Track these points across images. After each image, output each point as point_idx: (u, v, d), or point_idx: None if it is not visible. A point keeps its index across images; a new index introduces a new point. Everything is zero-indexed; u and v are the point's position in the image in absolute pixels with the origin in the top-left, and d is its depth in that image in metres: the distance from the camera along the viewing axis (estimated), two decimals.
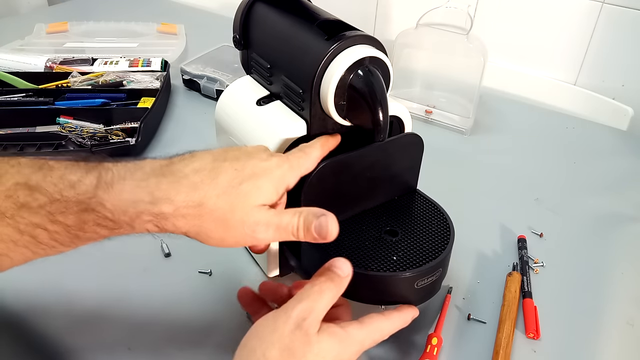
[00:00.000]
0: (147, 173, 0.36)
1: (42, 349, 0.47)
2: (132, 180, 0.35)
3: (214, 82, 0.87)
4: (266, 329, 0.37)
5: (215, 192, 0.36)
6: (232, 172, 0.37)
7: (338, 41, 0.42)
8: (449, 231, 0.48)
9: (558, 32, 0.91)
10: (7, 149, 0.70)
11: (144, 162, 0.37)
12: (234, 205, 0.36)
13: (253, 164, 0.38)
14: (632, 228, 0.65)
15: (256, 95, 0.51)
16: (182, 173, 0.36)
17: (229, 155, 0.39)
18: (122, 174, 0.36)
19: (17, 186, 0.34)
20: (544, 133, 0.84)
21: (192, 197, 0.35)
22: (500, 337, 0.48)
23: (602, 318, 0.52)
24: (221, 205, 0.36)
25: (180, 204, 0.35)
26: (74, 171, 0.35)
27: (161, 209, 0.35)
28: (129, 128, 0.75)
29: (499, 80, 0.96)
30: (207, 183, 0.36)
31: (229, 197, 0.36)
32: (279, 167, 0.39)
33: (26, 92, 0.82)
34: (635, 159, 0.78)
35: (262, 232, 0.37)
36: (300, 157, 0.41)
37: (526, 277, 0.55)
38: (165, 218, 0.35)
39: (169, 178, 0.36)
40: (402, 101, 0.83)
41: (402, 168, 0.51)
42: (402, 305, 0.44)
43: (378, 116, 0.41)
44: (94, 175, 0.35)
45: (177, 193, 0.35)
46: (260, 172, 0.38)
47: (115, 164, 0.37)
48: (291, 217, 0.38)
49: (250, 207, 0.37)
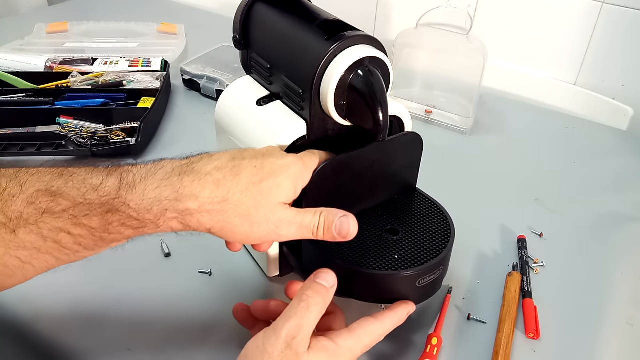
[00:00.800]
0: (168, 172, 0.37)
1: (42, 349, 0.47)
2: (155, 179, 0.36)
3: (214, 82, 0.87)
4: (256, 350, 0.37)
5: (238, 189, 0.37)
6: (252, 169, 0.38)
7: (338, 41, 0.42)
8: (449, 229, 0.48)
9: (558, 32, 0.91)
10: (7, 149, 0.70)
11: (164, 162, 0.38)
12: (258, 202, 0.37)
13: (271, 162, 0.39)
14: (632, 228, 0.65)
15: (256, 95, 0.51)
16: (204, 171, 0.37)
17: (246, 154, 0.40)
18: (143, 174, 0.36)
19: (38, 193, 0.34)
20: (544, 133, 0.84)
21: (217, 193, 0.36)
22: (500, 337, 0.48)
23: (602, 318, 0.52)
24: (245, 201, 0.37)
25: (205, 200, 0.36)
26: (95, 175, 0.36)
27: (186, 205, 0.36)
28: (129, 128, 0.75)
29: (499, 80, 0.96)
30: (230, 179, 0.37)
31: (252, 194, 0.37)
32: (295, 165, 0.40)
33: (26, 92, 0.82)
34: (635, 159, 0.78)
35: (285, 229, 0.39)
36: (310, 157, 0.42)
37: (526, 277, 0.55)
38: (190, 214, 0.36)
39: (191, 176, 0.37)
40: (402, 101, 0.83)
41: (402, 167, 0.51)
42: (395, 303, 0.44)
43: (378, 116, 0.41)
44: (115, 177, 0.36)
45: (202, 189, 0.36)
46: (278, 169, 0.39)
47: (134, 166, 0.37)
48: (312, 216, 0.39)
49: (273, 204, 0.38)
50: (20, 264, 0.34)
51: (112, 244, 0.37)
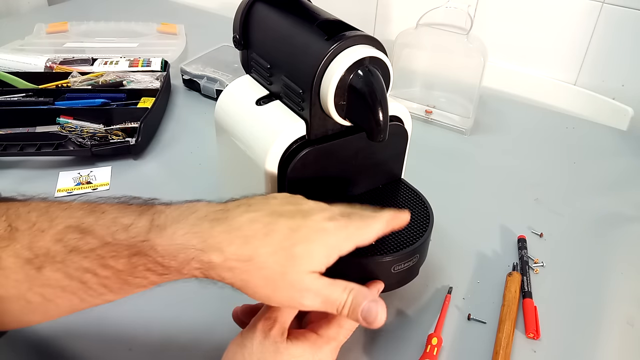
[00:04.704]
0: (200, 217, 0.35)
1: (42, 349, 0.47)
2: (186, 223, 0.34)
3: (214, 82, 0.88)
4: (236, 348, 0.37)
5: (266, 250, 0.34)
6: (287, 231, 0.35)
7: (338, 41, 0.42)
8: (428, 219, 0.48)
9: (558, 32, 0.91)
10: (7, 149, 0.70)
11: (198, 205, 0.36)
12: (285, 267, 0.35)
13: (309, 226, 0.36)
14: (632, 228, 0.65)
15: (256, 95, 0.51)
16: (237, 222, 0.35)
17: (285, 211, 0.37)
18: (176, 216, 0.35)
19: (67, 229, 0.34)
20: (544, 133, 0.84)
21: (243, 251, 0.34)
22: (500, 337, 0.48)
23: (602, 318, 0.52)
24: (271, 264, 0.35)
25: (230, 255, 0.34)
26: (127, 214, 0.35)
27: (210, 258, 0.34)
28: (129, 128, 0.75)
29: (499, 80, 0.96)
30: (260, 238, 0.35)
31: (280, 258, 0.35)
32: (335, 235, 0.37)
33: (26, 92, 0.82)
34: (635, 159, 0.78)
35: (309, 299, 0.36)
36: (360, 227, 0.38)
37: (526, 277, 0.55)
38: (212, 268, 0.34)
39: (223, 226, 0.35)
40: (402, 101, 0.83)
41: (387, 157, 0.51)
42: (366, 284, 0.44)
43: (378, 116, 0.41)
44: (146, 218, 0.35)
45: (229, 243, 0.34)
46: (314, 236, 0.36)
47: (168, 206, 0.36)
48: (341, 292, 0.37)
49: (301, 272, 0.35)
50: (43, 301, 0.34)
51: (138, 289, 0.35)
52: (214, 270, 0.34)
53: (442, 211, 0.60)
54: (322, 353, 0.38)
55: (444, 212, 0.61)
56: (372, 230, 0.39)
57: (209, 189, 0.65)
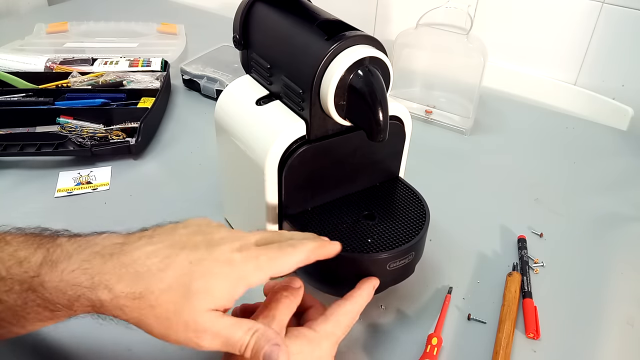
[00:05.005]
0: (94, 252, 0.33)
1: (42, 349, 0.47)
2: (77, 259, 0.33)
3: (214, 82, 0.88)
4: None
5: (159, 286, 0.32)
6: (186, 265, 0.33)
7: (338, 41, 0.42)
8: (424, 217, 0.49)
9: (558, 32, 0.91)
10: (7, 149, 0.70)
11: (99, 238, 0.35)
12: (179, 306, 0.32)
13: (213, 259, 0.34)
14: (632, 228, 0.65)
15: (256, 95, 0.51)
16: (130, 257, 0.33)
17: (190, 242, 0.35)
18: (71, 251, 0.33)
19: None
20: (544, 133, 0.84)
21: (133, 288, 0.32)
22: (500, 337, 0.48)
23: (602, 318, 0.52)
24: (164, 302, 0.32)
25: (119, 293, 0.32)
26: (25, 247, 0.34)
27: (98, 296, 0.32)
28: (129, 128, 0.75)
29: (499, 80, 0.96)
30: (154, 273, 0.32)
31: (174, 296, 0.32)
32: (242, 266, 0.35)
33: (26, 92, 0.82)
34: (635, 159, 0.78)
35: (207, 341, 0.33)
36: (273, 258, 0.36)
37: (526, 277, 0.55)
38: (102, 306, 0.32)
39: (115, 261, 0.33)
40: (402, 101, 0.83)
41: (384, 155, 0.52)
42: (360, 281, 0.44)
43: (378, 116, 0.41)
44: (41, 252, 0.33)
45: (118, 281, 0.32)
46: (217, 270, 0.34)
47: (70, 239, 0.35)
48: (243, 334, 0.34)
49: (198, 310, 0.33)
50: None
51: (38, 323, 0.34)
52: (104, 308, 0.33)
53: (442, 211, 0.60)
54: (320, 349, 0.38)
55: (444, 212, 0.61)
56: (289, 261, 0.37)
57: (209, 189, 0.65)
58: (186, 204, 0.64)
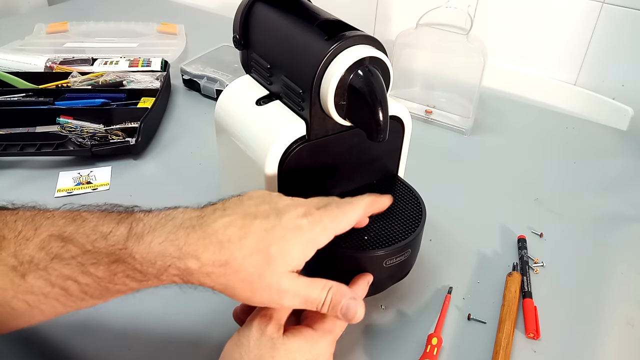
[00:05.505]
0: (177, 225, 0.36)
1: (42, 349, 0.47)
2: (163, 232, 0.35)
3: (214, 82, 0.88)
4: (233, 347, 0.38)
5: (242, 253, 0.35)
6: (261, 232, 0.36)
7: (338, 41, 0.42)
8: (420, 214, 0.49)
9: (558, 32, 0.91)
10: (7, 149, 0.70)
11: (176, 212, 0.37)
12: (261, 269, 0.35)
13: (283, 225, 0.37)
14: (632, 228, 0.65)
15: (256, 95, 0.51)
16: (211, 228, 0.36)
17: (260, 211, 0.37)
18: (153, 224, 0.36)
19: (50, 237, 0.35)
20: (544, 133, 0.84)
21: (219, 256, 0.35)
22: (500, 337, 0.48)
23: (602, 318, 0.52)
24: (247, 267, 0.35)
25: (206, 261, 0.35)
26: (107, 222, 0.36)
27: (187, 265, 0.35)
28: (129, 128, 0.75)
29: (499, 80, 0.96)
30: (235, 242, 0.35)
31: (256, 260, 0.35)
32: (311, 230, 0.37)
33: (26, 92, 0.82)
34: (635, 159, 0.78)
35: (289, 300, 0.37)
36: (335, 216, 0.39)
37: (526, 277, 0.55)
38: (190, 274, 0.35)
39: (198, 232, 0.35)
40: (402, 101, 0.83)
41: (382, 153, 0.52)
42: (355, 277, 0.44)
43: (378, 116, 0.41)
44: (125, 227, 0.35)
45: (204, 250, 0.35)
46: (289, 235, 0.36)
47: (147, 214, 0.37)
48: (320, 291, 0.38)
49: (278, 273, 0.36)
50: (27, 307, 0.35)
51: (117, 294, 0.36)
52: (192, 276, 0.35)
53: (442, 211, 0.60)
54: (319, 347, 0.39)
55: (444, 212, 0.61)
56: (350, 218, 0.39)
57: (209, 189, 0.65)
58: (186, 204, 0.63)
